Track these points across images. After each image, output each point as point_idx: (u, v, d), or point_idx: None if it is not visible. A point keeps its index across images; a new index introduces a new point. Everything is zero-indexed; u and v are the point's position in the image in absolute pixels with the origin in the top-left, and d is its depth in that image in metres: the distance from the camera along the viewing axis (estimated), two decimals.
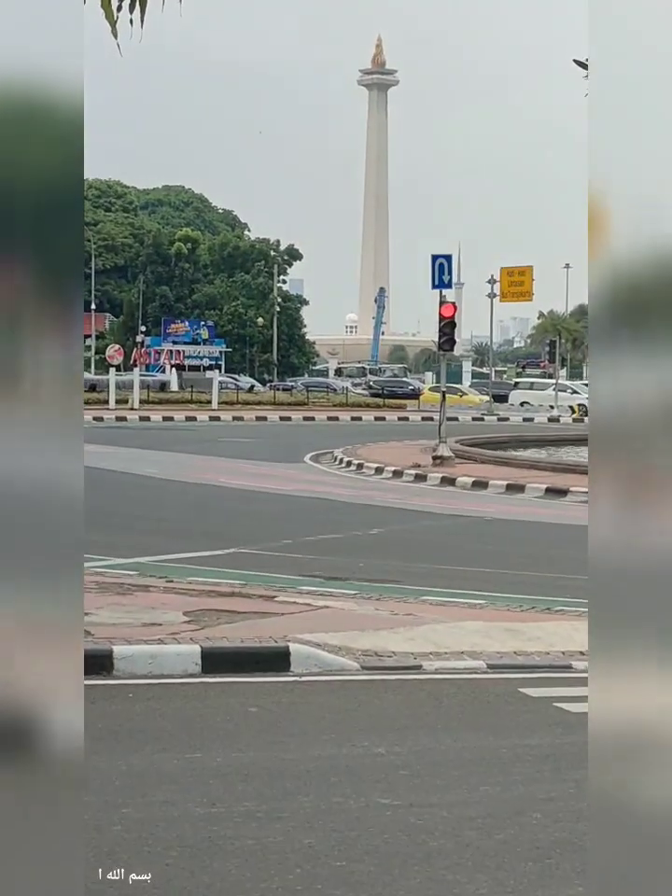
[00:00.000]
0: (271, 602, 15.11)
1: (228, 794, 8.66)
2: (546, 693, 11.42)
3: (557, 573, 18.14)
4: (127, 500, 27.55)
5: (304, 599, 15.46)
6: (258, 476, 33.69)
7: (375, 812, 8.40)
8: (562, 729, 10.44)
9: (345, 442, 46.63)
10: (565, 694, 11.37)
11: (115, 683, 11.80)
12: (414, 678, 12.08)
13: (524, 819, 8.29)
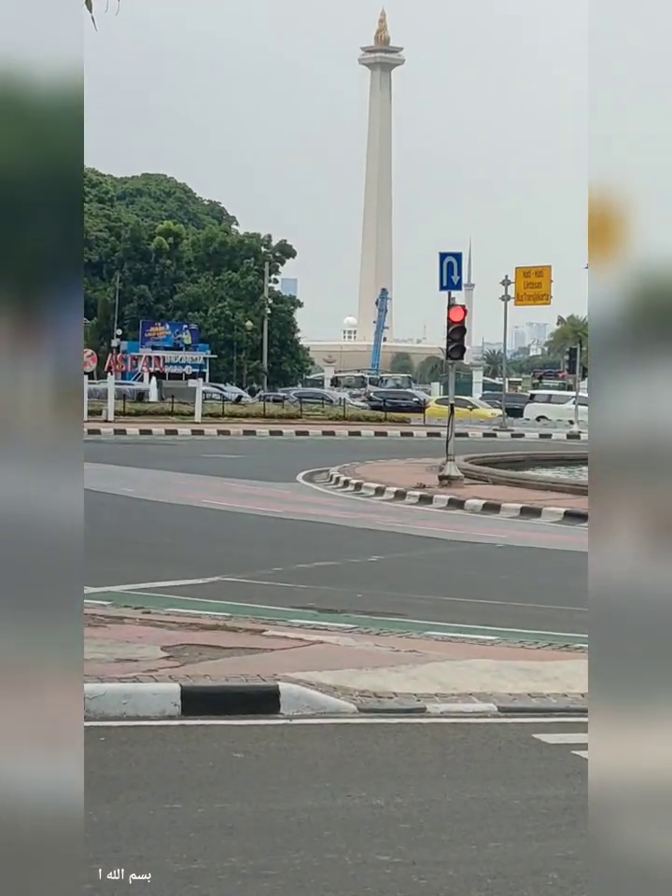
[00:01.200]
0: (259, 636, 15.12)
1: (210, 849, 8.68)
2: (564, 740, 11.42)
3: (576, 606, 18.12)
4: (100, 523, 27.53)
5: (296, 633, 15.47)
6: (245, 496, 33.72)
7: (373, 870, 8.43)
8: (581, 779, 10.39)
9: (342, 460, 46.76)
10: (584, 741, 11.36)
11: (92, 725, 11.80)
12: (417, 721, 12.10)
13: (539, 880, 8.30)
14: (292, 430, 67.43)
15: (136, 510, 30.56)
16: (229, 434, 63.51)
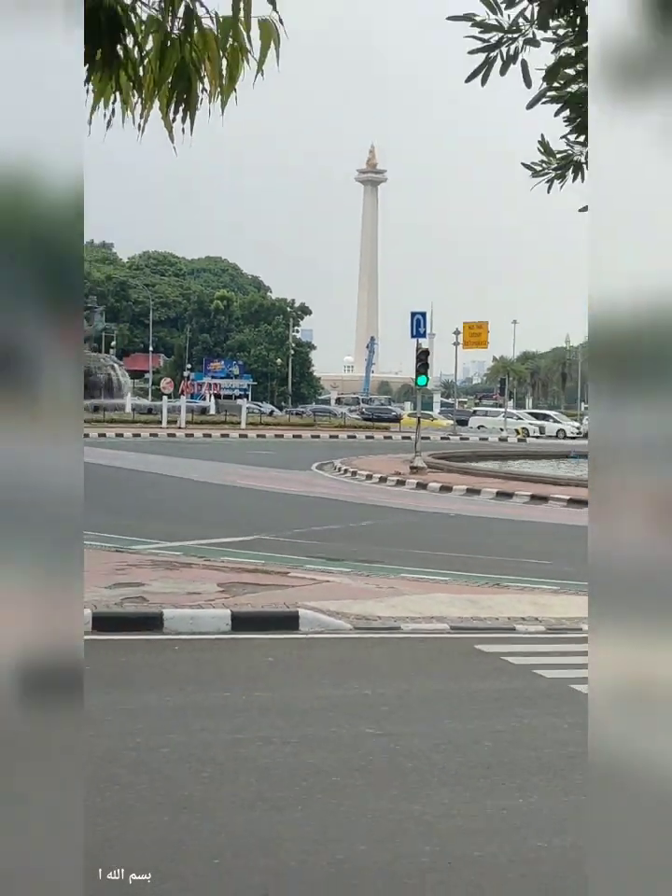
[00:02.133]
0: (284, 577, 15.18)
1: (250, 725, 8.72)
2: (495, 650, 11.46)
3: (504, 557, 18.18)
4: (176, 498, 27.59)
5: (310, 575, 15.55)
6: (275, 479, 33.68)
7: (363, 739, 8.45)
8: (508, 676, 10.49)
9: (343, 455, 46.65)
10: (510, 650, 11.43)
11: (164, 638, 11.82)
12: (394, 636, 12.15)
13: (477, 747, 8.34)
14: (308, 434, 67.25)
15: (198, 489, 30.50)
16: (264, 437, 63.33)
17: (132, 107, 3.16)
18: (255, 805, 6.98)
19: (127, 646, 11.42)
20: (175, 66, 3.08)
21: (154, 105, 3.16)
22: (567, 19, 5.44)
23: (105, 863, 6.04)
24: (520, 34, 5.46)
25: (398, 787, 7.34)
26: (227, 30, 3.05)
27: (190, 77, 3.07)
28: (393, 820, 6.78)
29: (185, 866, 6.00)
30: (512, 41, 5.46)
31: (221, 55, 3.08)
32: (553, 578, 16.16)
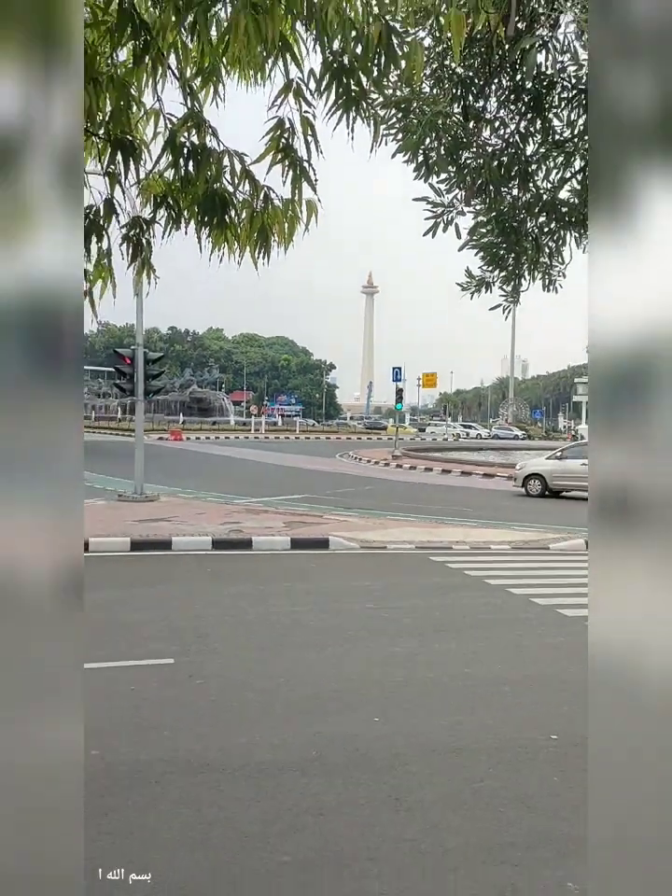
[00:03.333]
0: (320, 518, 15.20)
1: (301, 601, 8.77)
2: (441, 560, 11.46)
3: (445, 506, 18.13)
4: (255, 472, 27.58)
5: (335, 517, 15.54)
6: (313, 462, 33.54)
7: (362, 611, 8.49)
8: (448, 575, 10.53)
9: (353, 448, 46.61)
10: (449, 560, 11.44)
11: (253, 553, 11.88)
12: (383, 552, 12.17)
13: (431, 613, 8.37)
14: (333, 437, 67.04)
15: (267, 467, 30.41)
16: (308, 438, 63.16)
17: (233, 250, 3.20)
18: (301, 646, 7.06)
19: (231, 558, 11.52)
20: (258, 228, 3.13)
21: (246, 250, 3.20)
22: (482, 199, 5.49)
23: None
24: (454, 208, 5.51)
25: (385, 638, 7.41)
26: (287, 207, 3.11)
27: (267, 234, 3.13)
28: (381, 656, 6.85)
29: (263, 681, 6.10)
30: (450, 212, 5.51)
31: (284, 221, 3.14)
32: (473, 518, 16.17)
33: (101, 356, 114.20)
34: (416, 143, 4.99)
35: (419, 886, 3.47)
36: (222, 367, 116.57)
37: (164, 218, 3.17)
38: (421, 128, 4.88)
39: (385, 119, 4.94)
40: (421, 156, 5.11)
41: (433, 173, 5.32)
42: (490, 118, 5.21)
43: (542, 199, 4.95)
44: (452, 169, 5.35)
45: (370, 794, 4.30)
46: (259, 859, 3.66)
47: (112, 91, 2.86)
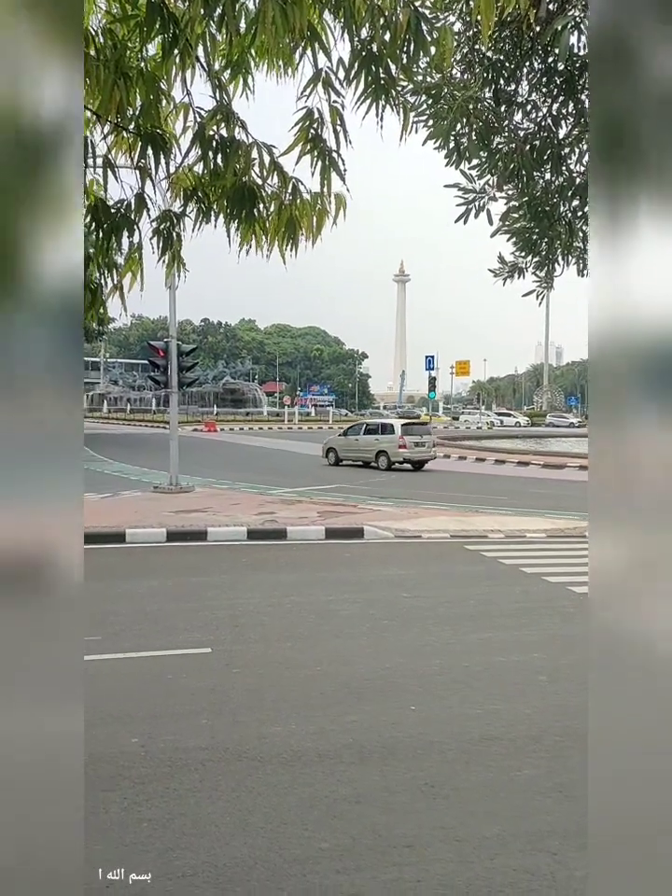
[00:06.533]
0: (355, 508, 15.20)
1: (335, 591, 8.79)
2: (475, 548, 11.42)
3: (480, 495, 18.02)
4: (289, 463, 27.65)
5: (370, 507, 15.53)
6: None
7: (397, 600, 8.50)
8: (482, 563, 10.48)
9: None
10: (483, 548, 11.38)
11: (288, 543, 11.93)
12: (417, 541, 12.14)
13: (465, 603, 8.35)
14: None
15: (300, 458, 30.44)
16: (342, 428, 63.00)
17: (261, 244, 3.20)
18: (337, 635, 7.09)
19: (266, 548, 11.59)
20: (286, 221, 3.14)
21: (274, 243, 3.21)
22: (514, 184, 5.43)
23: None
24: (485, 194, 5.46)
25: (419, 626, 7.41)
26: (316, 200, 3.11)
27: (295, 227, 3.13)
28: (416, 645, 6.86)
29: (299, 670, 6.13)
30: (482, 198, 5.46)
31: (313, 214, 3.14)
32: (508, 506, 16.05)
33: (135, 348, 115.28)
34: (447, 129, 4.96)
35: (457, 873, 3.48)
36: (255, 358, 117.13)
37: (194, 212, 3.18)
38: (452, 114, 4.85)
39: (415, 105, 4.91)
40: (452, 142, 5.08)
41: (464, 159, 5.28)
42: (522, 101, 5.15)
43: (576, 182, 4.88)
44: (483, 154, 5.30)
45: (406, 782, 4.32)
46: (298, 845, 3.70)
47: (142, 86, 2.88)
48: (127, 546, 11.57)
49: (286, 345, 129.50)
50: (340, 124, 2.88)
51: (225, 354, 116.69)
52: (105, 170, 2.99)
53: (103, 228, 3.10)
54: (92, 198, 3.11)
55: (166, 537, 11.96)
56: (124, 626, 7.30)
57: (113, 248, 3.16)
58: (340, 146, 2.91)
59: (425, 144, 5.02)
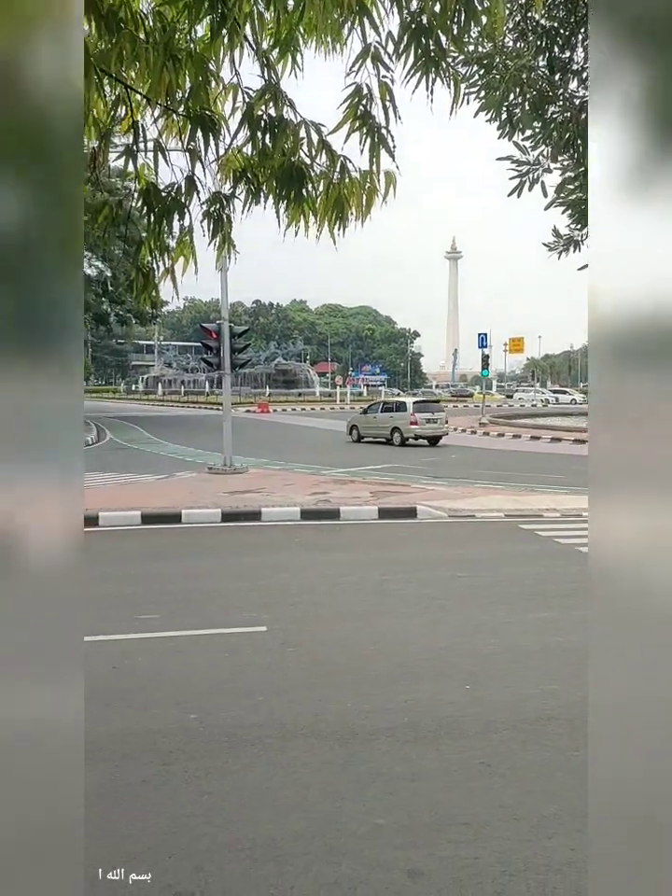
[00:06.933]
0: (408, 488, 15.18)
1: (390, 571, 8.81)
2: (530, 528, 11.30)
3: (535, 473, 17.80)
4: (340, 443, 27.68)
5: (423, 486, 15.49)
6: None
7: (455, 579, 8.49)
8: (538, 543, 10.37)
9: None
10: (539, 528, 11.26)
11: (341, 523, 11.97)
12: (472, 521, 12.06)
13: (521, 582, 8.31)
14: None
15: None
16: None
17: (308, 225, 3.19)
18: (392, 614, 7.11)
19: (319, 528, 11.66)
20: (335, 200, 3.12)
21: (323, 224, 3.19)
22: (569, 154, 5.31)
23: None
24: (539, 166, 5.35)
25: (475, 607, 7.38)
26: (365, 178, 3.08)
27: (344, 206, 3.11)
28: (472, 624, 6.84)
29: (354, 649, 6.17)
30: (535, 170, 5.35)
31: (362, 193, 3.11)
32: (564, 485, 15.82)
33: (188, 331, 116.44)
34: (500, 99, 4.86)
35: (515, 851, 3.48)
36: (306, 338, 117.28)
37: (244, 193, 3.19)
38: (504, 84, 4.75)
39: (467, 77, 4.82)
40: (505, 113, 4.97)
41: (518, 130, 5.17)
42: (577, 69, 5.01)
43: None
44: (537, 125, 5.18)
45: (462, 760, 4.33)
46: (355, 820, 3.75)
47: (191, 68, 2.88)
48: (183, 526, 11.76)
49: (337, 325, 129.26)
50: (389, 99, 2.84)
51: (277, 335, 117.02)
52: (156, 153, 3.01)
53: (154, 212, 3.12)
54: (144, 182, 3.13)
55: (221, 517, 12.12)
56: (180, 605, 7.44)
57: (164, 232, 3.19)
58: (389, 122, 2.87)
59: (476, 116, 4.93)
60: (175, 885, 3.28)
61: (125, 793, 4.02)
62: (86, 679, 5.16)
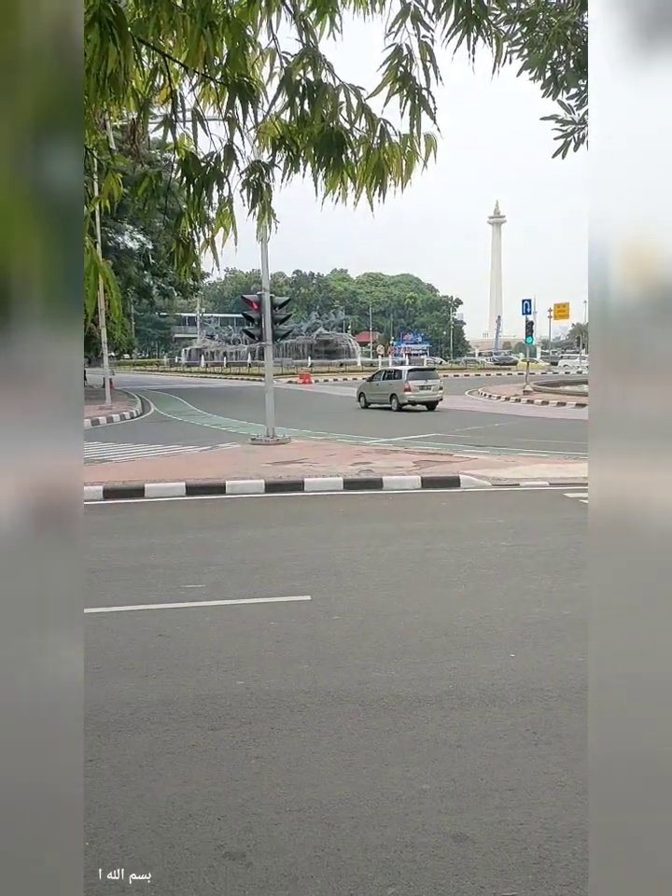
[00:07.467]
0: (450, 457, 15.11)
1: (433, 540, 8.81)
2: (575, 496, 11.18)
3: (581, 441, 17.54)
4: (384, 413, 27.59)
5: (466, 455, 15.40)
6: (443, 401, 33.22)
7: (498, 548, 8.44)
8: (583, 511, 10.25)
9: (483, 384, 45.79)
10: (584, 496, 11.13)
11: (383, 492, 11.98)
12: (516, 489, 11.98)
13: (565, 551, 8.24)
14: (462, 375, 65.93)
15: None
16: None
17: (346, 192, 3.15)
18: (435, 583, 7.12)
19: (361, 497, 11.68)
20: (374, 165, 3.07)
21: (362, 190, 3.15)
22: None
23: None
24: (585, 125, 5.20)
25: (518, 575, 7.36)
26: (405, 142, 3.03)
27: (384, 172, 3.06)
28: (516, 593, 6.82)
29: (398, 618, 6.20)
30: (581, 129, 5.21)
31: (402, 158, 3.06)
32: None
33: (229, 302, 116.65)
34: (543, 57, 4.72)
35: (560, 817, 3.49)
36: (347, 308, 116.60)
37: (283, 161, 3.16)
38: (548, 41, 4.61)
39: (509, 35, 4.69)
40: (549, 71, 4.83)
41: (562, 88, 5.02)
42: None
43: None
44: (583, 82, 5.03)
45: (506, 728, 4.34)
46: (400, 785, 3.79)
47: (228, 33, 2.85)
48: (227, 497, 11.89)
49: (378, 294, 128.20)
50: (430, 60, 2.77)
51: (318, 305, 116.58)
52: (195, 123, 2.99)
53: (194, 182, 3.10)
54: (183, 152, 3.11)
55: (264, 488, 12.21)
56: (225, 574, 7.55)
57: (204, 203, 3.17)
58: (430, 83, 2.81)
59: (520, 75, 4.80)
60: (226, 845, 3.37)
61: (175, 757, 4.12)
62: (134, 647, 5.21)
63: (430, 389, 28.37)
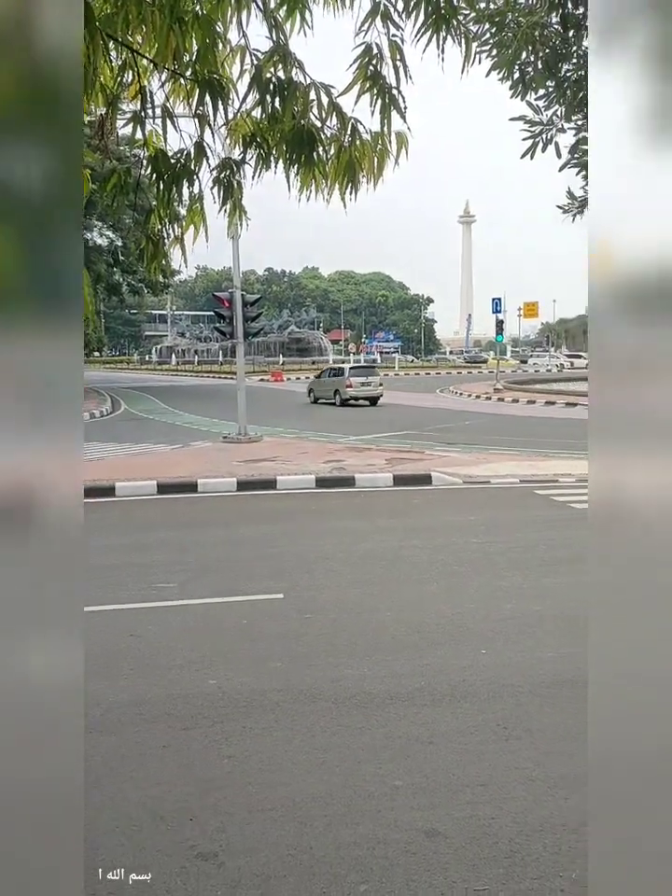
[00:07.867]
0: (422, 454, 15.15)
1: (405, 538, 8.83)
2: (546, 493, 11.26)
3: (549, 439, 17.70)
4: (356, 411, 27.58)
5: (437, 453, 15.45)
6: (413, 399, 33.23)
7: (467, 546, 8.48)
8: (553, 508, 10.36)
9: (454, 382, 45.94)
10: (554, 493, 11.22)
11: (355, 490, 11.99)
12: (487, 487, 12.05)
13: (535, 548, 8.30)
14: (434, 373, 66.12)
15: (367, 406, 30.30)
16: (409, 375, 62.54)
17: (320, 188, 3.14)
18: (408, 581, 7.14)
19: (333, 495, 11.69)
20: (346, 163, 3.07)
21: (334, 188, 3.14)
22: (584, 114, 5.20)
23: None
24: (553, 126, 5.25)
25: (489, 572, 7.41)
26: (376, 140, 3.03)
27: (355, 169, 3.06)
28: (487, 590, 6.87)
29: (370, 615, 6.21)
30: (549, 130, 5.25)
31: (374, 156, 3.06)
32: (579, 450, 15.75)
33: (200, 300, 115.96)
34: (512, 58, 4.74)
35: (531, 811, 3.53)
36: (319, 306, 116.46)
37: (254, 159, 3.14)
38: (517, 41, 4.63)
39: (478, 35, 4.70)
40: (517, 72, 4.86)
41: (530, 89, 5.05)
42: None
43: None
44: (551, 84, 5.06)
45: (478, 724, 4.37)
46: (372, 782, 3.80)
47: (198, 30, 2.82)
48: (199, 495, 11.83)
49: (350, 292, 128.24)
50: (399, 59, 2.78)
51: (289, 303, 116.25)
52: (164, 119, 2.97)
53: (163, 179, 3.08)
54: (152, 149, 3.08)
55: (237, 486, 12.17)
56: (198, 573, 7.51)
57: (174, 199, 3.15)
58: (400, 82, 2.81)
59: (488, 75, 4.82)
60: (198, 846, 3.35)
61: (147, 758, 4.09)
62: (105, 647, 5.15)
63: (371, 386, 29.57)
